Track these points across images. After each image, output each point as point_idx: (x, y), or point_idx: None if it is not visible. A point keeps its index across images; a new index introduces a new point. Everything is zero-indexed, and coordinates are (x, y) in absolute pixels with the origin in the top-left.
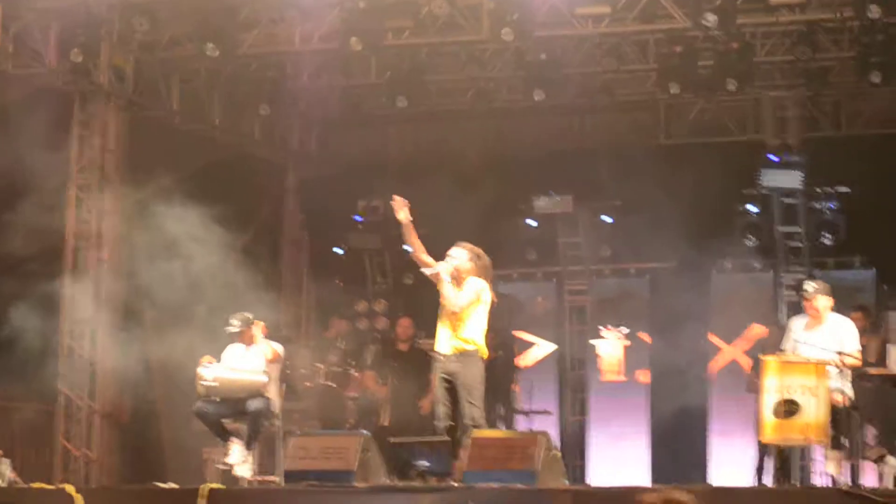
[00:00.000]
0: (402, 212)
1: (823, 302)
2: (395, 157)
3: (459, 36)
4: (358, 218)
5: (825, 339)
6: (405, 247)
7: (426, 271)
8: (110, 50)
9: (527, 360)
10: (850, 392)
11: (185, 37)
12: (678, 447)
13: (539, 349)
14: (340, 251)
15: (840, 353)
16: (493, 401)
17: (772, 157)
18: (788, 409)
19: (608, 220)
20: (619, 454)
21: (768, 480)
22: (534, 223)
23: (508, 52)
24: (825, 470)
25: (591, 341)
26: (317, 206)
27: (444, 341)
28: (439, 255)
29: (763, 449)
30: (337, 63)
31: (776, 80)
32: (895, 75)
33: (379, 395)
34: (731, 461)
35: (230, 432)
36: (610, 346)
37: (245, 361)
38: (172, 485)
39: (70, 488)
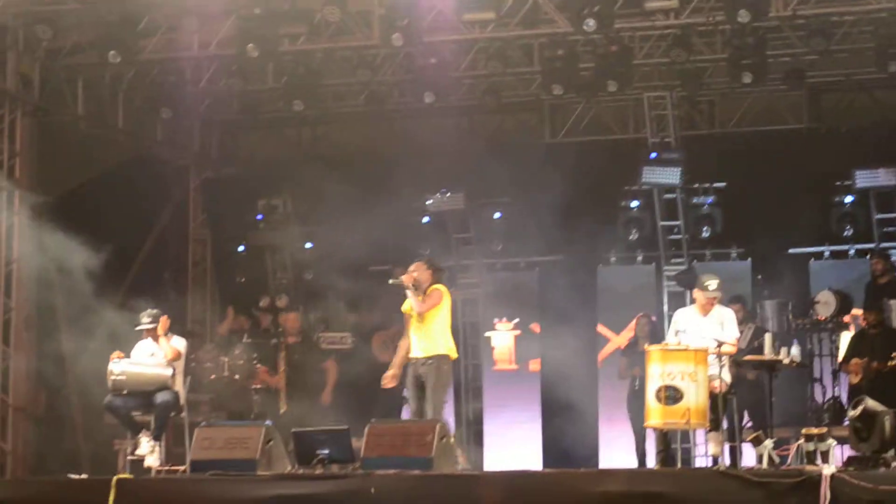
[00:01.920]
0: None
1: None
2: (292, 158)
3: (352, 41)
4: (259, 216)
5: (710, 328)
6: (307, 244)
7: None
8: (17, 57)
9: None
10: (727, 378)
11: (88, 44)
12: (569, 432)
13: None
14: (242, 248)
15: (719, 342)
16: None
17: (652, 154)
18: (670, 394)
19: (498, 215)
20: (513, 439)
21: (652, 463)
22: (427, 220)
23: (399, 56)
24: (706, 452)
25: (486, 334)
26: (219, 206)
27: (416, 346)
28: (339, 255)
29: (641, 434)
30: (235, 68)
31: (654, 81)
32: (765, 76)
33: (274, 385)
34: (620, 445)
35: (139, 424)
36: (501, 336)
37: (154, 356)
38: (85, 475)
39: None
